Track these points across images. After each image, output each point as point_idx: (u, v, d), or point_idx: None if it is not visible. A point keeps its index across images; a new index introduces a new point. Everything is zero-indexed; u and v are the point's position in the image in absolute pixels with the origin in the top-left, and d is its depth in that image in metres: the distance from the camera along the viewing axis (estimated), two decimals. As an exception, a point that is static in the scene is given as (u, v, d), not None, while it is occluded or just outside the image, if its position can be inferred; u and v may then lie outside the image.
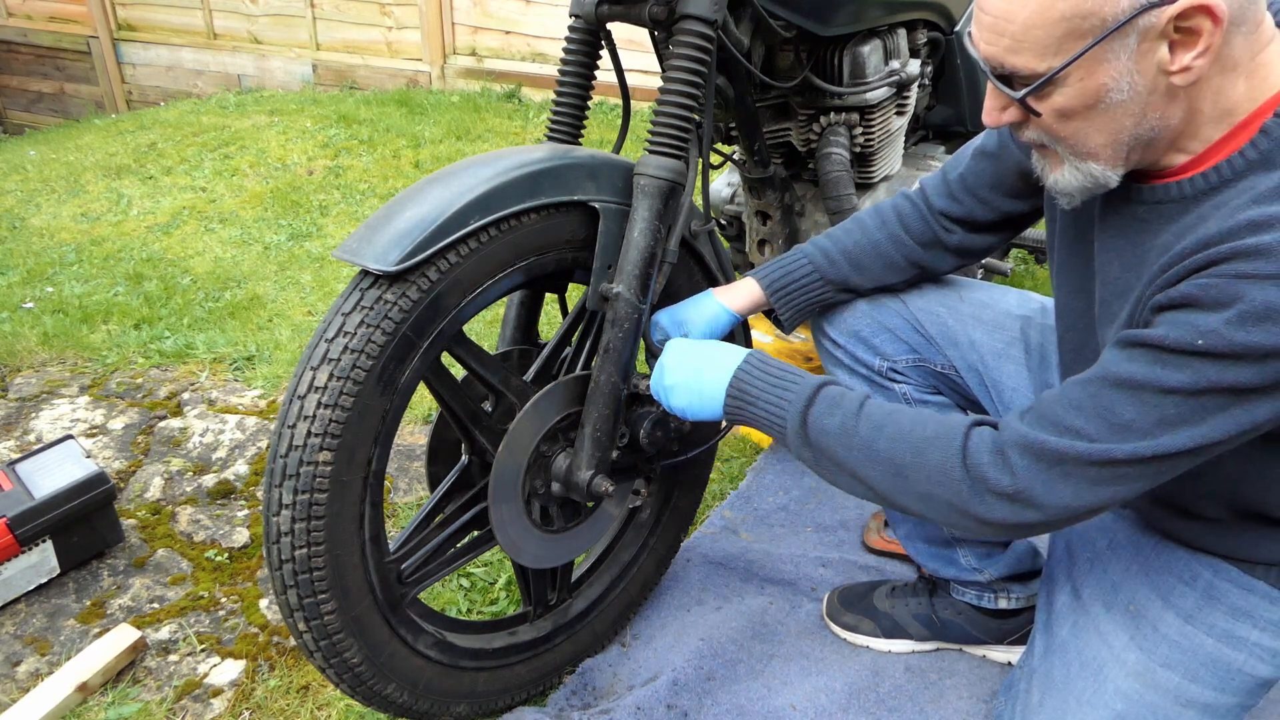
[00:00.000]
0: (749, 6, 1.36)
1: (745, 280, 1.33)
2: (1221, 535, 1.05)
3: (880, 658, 1.53)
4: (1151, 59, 0.83)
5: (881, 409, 1.02)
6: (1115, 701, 1.08)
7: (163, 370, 2.40)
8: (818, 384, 1.06)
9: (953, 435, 0.96)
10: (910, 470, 0.98)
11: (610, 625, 1.52)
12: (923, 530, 1.43)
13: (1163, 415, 0.85)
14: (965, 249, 1.31)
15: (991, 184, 1.25)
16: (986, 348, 1.31)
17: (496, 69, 5.17)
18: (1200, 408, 0.84)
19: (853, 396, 1.04)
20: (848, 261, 1.30)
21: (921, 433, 0.98)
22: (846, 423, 1.02)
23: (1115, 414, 0.87)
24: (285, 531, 1.05)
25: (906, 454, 0.98)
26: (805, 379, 1.06)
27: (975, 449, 0.95)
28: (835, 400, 1.04)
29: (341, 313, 1.05)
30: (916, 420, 1.00)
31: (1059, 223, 1.11)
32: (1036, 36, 0.84)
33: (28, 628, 1.58)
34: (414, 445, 2.09)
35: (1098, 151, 0.90)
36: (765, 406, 1.07)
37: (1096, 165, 0.92)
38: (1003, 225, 1.29)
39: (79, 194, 3.85)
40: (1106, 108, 0.86)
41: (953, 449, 0.95)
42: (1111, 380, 0.88)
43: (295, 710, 1.42)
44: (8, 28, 6.67)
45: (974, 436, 0.96)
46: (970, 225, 1.29)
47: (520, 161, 1.12)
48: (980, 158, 1.26)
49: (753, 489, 1.94)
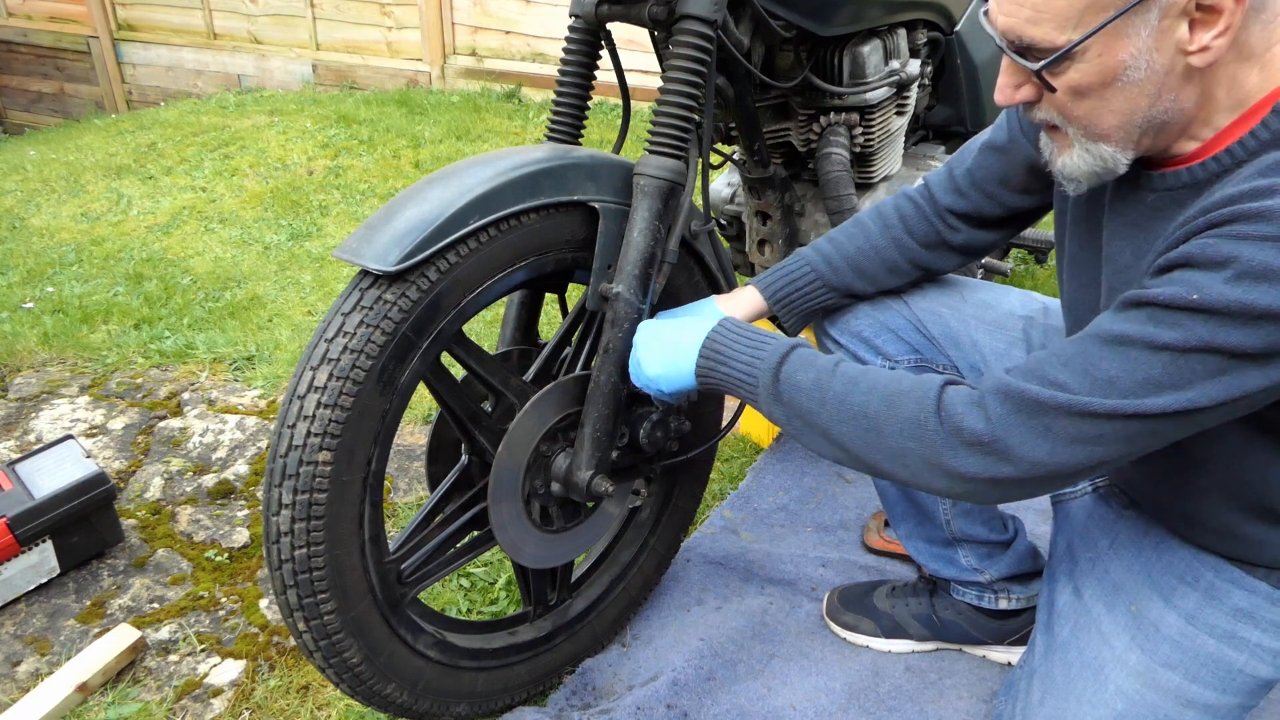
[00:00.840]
0: (749, 6, 1.36)
1: (747, 288, 1.32)
2: (1224, 536, 1.05)
3: (880, 658, 1.53)
4: (1171, 37, 0.82)
5: (856, 367, 1.01)
6: (1116, 701, 1.08)
7: (163, 370, 2.40)
8: (792, 343, 1.05)
9: (928, 387, 0.96)
10: (883, 423, 0.96)
11: (610, 625, 1.52)
12: (923, 530, 1.43)
13: (1148, 375, 0.84)
14: (969, 246, 1.30)
15: (1000, 179, 1.24)
16: (989, 348, 1.31)
17: (496, 69, 5.17)
18: (1188, 369, 0.82)
19: (828, 357, 1.04)
20: (850, 267, 1.30)
21: (896, 386, 0.97)
22: (820, 379, 1.01)
23: (1099, 369, 0.86)
24: (285, 531, 1.05)
25: (880, 406, 0.96)
26: (779, 339, 1.06)
27: (950, 400, 0.94)
28: (809, 359, 1.03)
29: (341, 313, 1.05)
30: (892, 377, 0.99)
31: (1070, 215, 1.10)
32: (1058, 8, 0.83)
33: (28, 628, 1.58)
34: (414, 445, 2.09)
35: (1110, 133, 0.90)
36: (737, 365, 1.06)
37: (1107, 148, 0.91)
38: (1009, 221, 1.28)
39: (79, 194, 3.85)
40: (1123, 86, 0.86)
41: (928, 399, 0.94)
42: (1102, 337, 0.87)
43: (295, 710, 1.42)
44: (8, 28, 6.67)
45: (949, 389, 0.95)
46: (976, 221, 1.28)
47: (520, 161, 1.12)
48: (988, 152, 1.26)
49: (753, 489, 1.94)
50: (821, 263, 1.30)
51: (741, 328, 1.10)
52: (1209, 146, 0.90)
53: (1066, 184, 0.97)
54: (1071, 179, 0.95)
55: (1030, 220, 1.29)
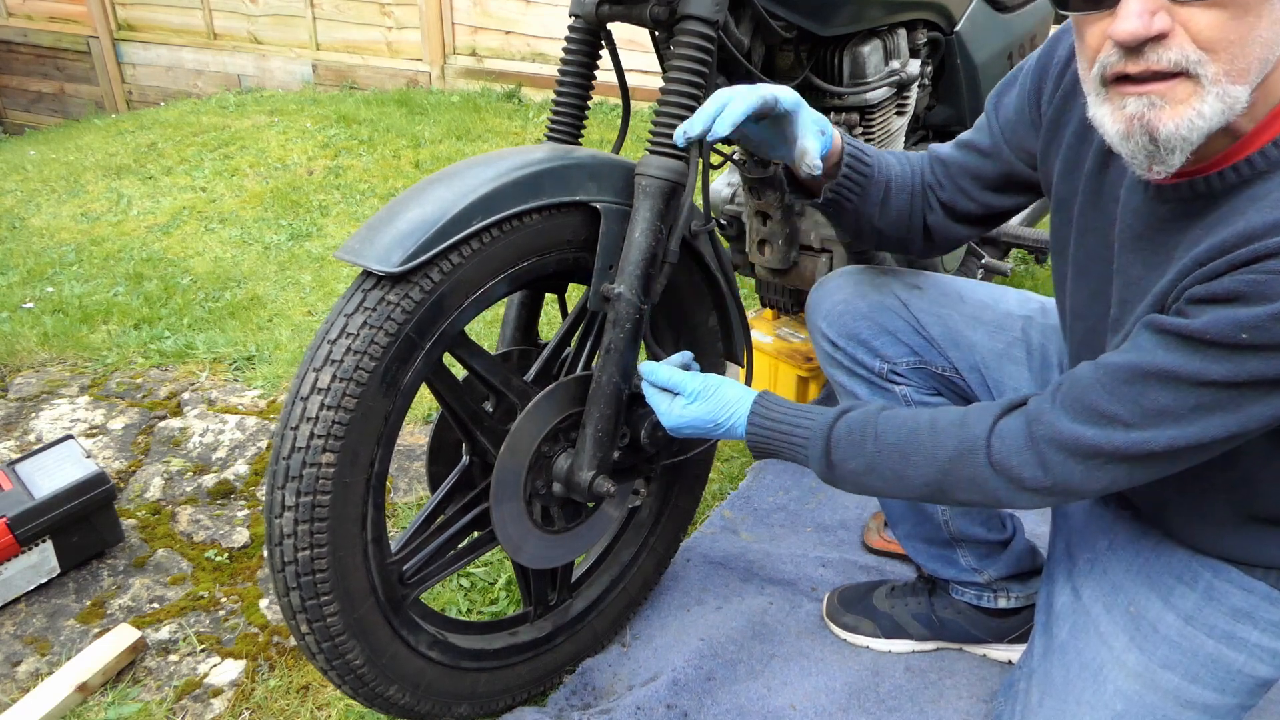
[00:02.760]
0: (749, 7, 1.36)
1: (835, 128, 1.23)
2: (1224, 537, 1.05)
3: (880, 658, 1.53)
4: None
5: (896, 432, 1.03)
6: (1115, 702, 1.08)
7: (163, 370, 2.40)
8: (825, 432, 1.07)
9: (976, 446, 0.98)
10: (946, 486, 1.01)
11: (610, 625, 1.53)
12: (922, 530, 1.43)
13: (1200, 402, 0.85)
14: (937, 232, 1.28)
15: (973, 176, 1.23)
16: (988, 349, 1.31)
17: (496, 69, 5.17)
18: (1240, 397, 0.84)
19: (862, 431, 1.05)
20: (882, 190, 1.24)
21: (944, 453, 1.00)
22: (871, 463, 1.05)
23: (1150, 399, 0.87)
24: (288, 534, 1.05)
25: (936, 475, 1.01)
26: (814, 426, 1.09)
27: (1002, 454, 0.97)
28: (850, 441, 1.06)
29: (344, 314, 1.05)
30: (934, 438, 1.01)
31: (1076, 225, 1.08)
32: None
33: (28, 628, 1.58)
34: (415, 446, 2.09)
35: (1251, 68, 0.79)
36: (790, 456, 1.12)
37: (1243, 89, 0.79)
38: (979, 219, 1.27)
39: (79, 194, 3.85)
40: (1275, 4, 0.77)
41: (979, 461, 0.98)
42: (1146, 369, 0.88)
43: (295, 710, 1.42)
44: (8, 28, 6.67)
45: (995, 443, 0.97)
46: (949, 211, 1.27)
47: (521, 162, 1.12)
48: (965, 150, 1.24)
49: (753, 489, 1.95)
50: (878, 167, 1.23)
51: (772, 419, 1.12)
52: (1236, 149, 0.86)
53: (1163, 160, 0.83)
54: (1182, 141, 0.81)
55: (1001, 219, 1.28)
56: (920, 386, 1.34)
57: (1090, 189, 1.05)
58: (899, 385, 1.34)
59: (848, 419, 1.07)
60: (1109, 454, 0.91)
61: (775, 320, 2.21)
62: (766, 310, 2.22)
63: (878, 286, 1.35)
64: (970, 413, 1.02)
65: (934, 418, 1.03)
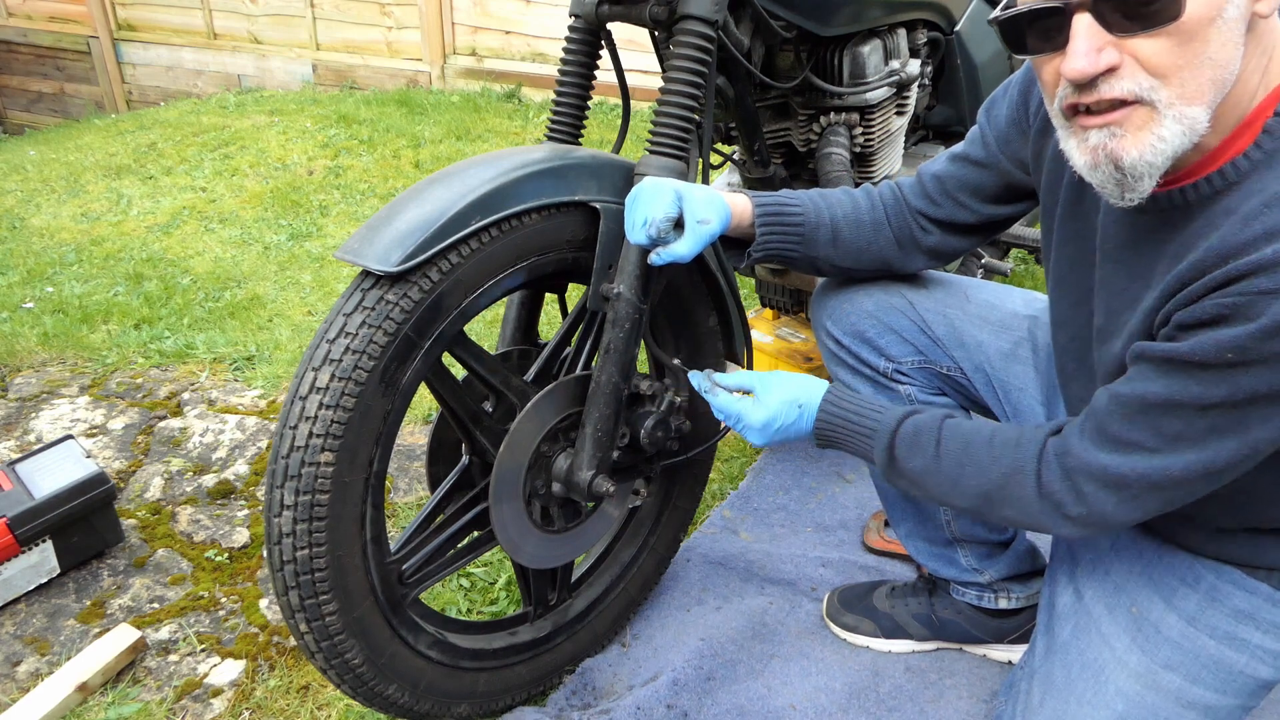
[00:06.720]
0: (749, 7, 1.36)
1: (742, 196, 1.26)
2: (1226, 543, 1.05)
3: (880, 658, 1.53)
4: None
5: (959, 440, 1.07)
6: (1116, 702, 1.08)
7: (163, 370, 2.40)
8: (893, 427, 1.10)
9: (1027, 468, 1.01)
10: (995, 500, 1.04)
11: (610, 625, 1.53)
12: (923, 530, 1.43)
13: (1210, 424, 0.88)
14: (939, 250, 1.30)
15: (972, 189, 1.24)
16: (994, 348, 1.31)
17: (496, 69, 5.17)
18: (1244, 416, 0.86)
19: (928, 433, 1.08)
20: (831, 230, 1.26)
21: (998, 469, 1.03)
22: (931, 465, 1.08)
23: (1164, 426, 0.90)
24: (287, 533, 1.05)
25: (988, 489, 1.04)
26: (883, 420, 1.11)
27: (1049, 482, 1.00)
28: (915, 441, 1.09)
29: (343, 313, 1.05)
30: (991, 453, 1.04)
31: (1057, 234, 1.09)
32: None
33: (28, 628, 1.58)
34: (414, 445, 2.09)
35: (1205, 90, 0.81)
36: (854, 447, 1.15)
37: (1201, 110, 0.81)
38: (983, 228, 1.28)
39: (79, 194, 3.85)
40: (1221, 26, 0.79)
41: (1028, 483, 1.01)
42: (1150, 400, 0.90)
43: (295, 710, 1.42)
44: (8, 28, 6.67)
45: (1044, 472, 1.00)
46: (949, 227, 1.28)
47: (521, 162, 1.12)
48: (961, 163, 1.24)
49: (753, 489, 1.94)
50: (812, 213, 1.26)
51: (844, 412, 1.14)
52: (1206, 162, 0.87)
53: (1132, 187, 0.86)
54: (1149, 168, 0.84)
55: (1004, 227, 1.29)
56: (925, 386, 1.34)
57: (1070, 199, 1.06)
58: (904, 384, 1.34)
59: (915, 419, 1.10)
60: (1135, 482, 0.93)
61: (775, 320, 2.21)
62: (766, 310, 2.22)
63: (883, 285, 1.34)
64: (1025, 433, 1.05)
65: (994, 432, 1.06)
